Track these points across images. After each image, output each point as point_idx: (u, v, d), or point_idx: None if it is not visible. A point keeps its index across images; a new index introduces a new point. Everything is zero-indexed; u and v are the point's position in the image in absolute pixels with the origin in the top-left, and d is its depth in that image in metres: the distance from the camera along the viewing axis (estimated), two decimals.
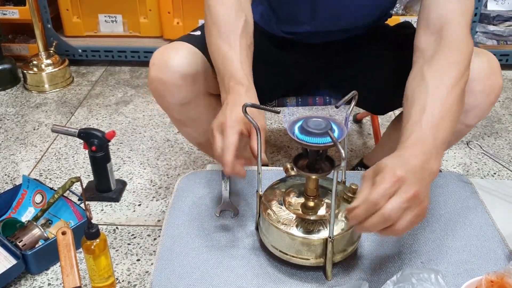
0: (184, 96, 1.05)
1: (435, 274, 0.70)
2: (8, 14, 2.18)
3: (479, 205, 0.92)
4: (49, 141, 1.73)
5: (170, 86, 1.03)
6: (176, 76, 1.02)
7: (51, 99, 2.04)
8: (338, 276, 0.77)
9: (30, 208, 1.32)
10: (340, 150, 0.65)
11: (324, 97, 1.25)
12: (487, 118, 1.86)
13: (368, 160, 1.28)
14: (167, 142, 1.72)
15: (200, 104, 1.10)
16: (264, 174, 0.86)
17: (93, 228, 0.98)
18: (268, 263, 0.79)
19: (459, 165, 1.59)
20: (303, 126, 0.70)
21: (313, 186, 0.76)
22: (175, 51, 1.02)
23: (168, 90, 1.04)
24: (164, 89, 1.04)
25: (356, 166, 1.32)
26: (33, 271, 1.17)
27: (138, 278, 1.17)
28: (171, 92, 1.04)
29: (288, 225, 0.75)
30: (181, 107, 1.07)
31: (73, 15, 2.26)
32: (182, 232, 0.86)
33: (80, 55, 2.27)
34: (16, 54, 2.27)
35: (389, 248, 0.82)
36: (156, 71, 1.03)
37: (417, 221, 0.67)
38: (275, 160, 1.63)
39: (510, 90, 2.09)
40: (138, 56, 2.24)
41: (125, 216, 1.37)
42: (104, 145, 1.37)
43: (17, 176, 1.55)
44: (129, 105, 1.98)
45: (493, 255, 0.81)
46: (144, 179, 1.53)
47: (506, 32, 2.18)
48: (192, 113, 1.10)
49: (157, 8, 2.22)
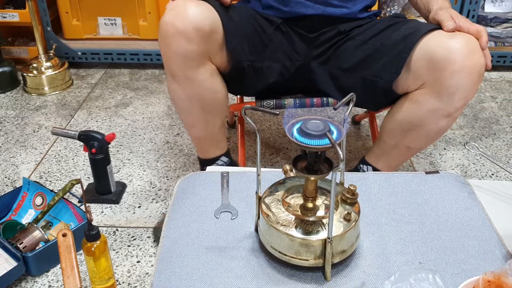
0: (191, 50, 1.06)
1: (433, 274, 0.71)
2: (8, 17, 2.19)
3: (476, 206, 0.92)
4: (49, 144, 1.73)
5: (181, 35, 1.04)
6: (190, 27, 1.04)
7: (51, 101, 2.05)
8: (337, 277, 0.77)
9: (30, 210, 1.33)
10: (339, 151, 0.66)
11: (322, 99, 1.26)
12: (484, 119, 1.87)
13: (370, 157, 1.30)
14: (166, 144, 1.73)
15: (201, 66, 1.11)
16: (264, 175, 0.86)
17: (94, 230, 0.99)
18: (267, 264, 0.79)
19: (457, 166, 1.60)
20: (302, 128, 0.71)
21: (312, 188, 0.77)
22: (195, 4, 1.05)
23: (178, 37, 1.05)
24: (174, 35, 1.05)
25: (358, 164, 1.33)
26: (34, 273, 1.17)
27: (138, 279, 1.17)
28: (180, 40, 1.05)
29: (287, 226, 0.76)
30: (183, 61, 1.08)
31: (72, 18, 2.27)
32: (182, 233, 0.86)
33: (80, 58, 2.28)
34: (16, 57, 2.28)
35: (387, 248, 0.82)
36: (172, 17, 1.04)
37: None
38: (274, 162, 1.63)
39: (507, 92, 2.10)
40: (138, 58, 2.25)
41: (125, 218, 1.38)
42: (104, 147, 1.37)
43: (17, 178, 1.55)
44: (128, 107, 1.98)
45: (491, 255, 0.81)
46: (144, 181, 1.53)
47: (503, 33, 2.19)
48: (190, 72, 1.11)
49: (156, 11, 2.22)
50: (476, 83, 1.03)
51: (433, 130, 1.13)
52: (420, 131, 1.14)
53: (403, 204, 0.92)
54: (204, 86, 1.14)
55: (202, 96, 1.16)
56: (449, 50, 1.01)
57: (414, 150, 1.25)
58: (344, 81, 1.20)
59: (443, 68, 1.02)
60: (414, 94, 1.11)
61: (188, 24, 1.04)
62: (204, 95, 1.16)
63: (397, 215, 0.90)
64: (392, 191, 0.96)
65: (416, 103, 1.10)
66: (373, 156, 1.29)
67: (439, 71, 1.03)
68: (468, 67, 1.01)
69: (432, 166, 1.60)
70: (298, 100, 1.27)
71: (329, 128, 0.71)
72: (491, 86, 2.14)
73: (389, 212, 0.90)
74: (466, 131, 1.80)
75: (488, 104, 2.00)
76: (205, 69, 1.12)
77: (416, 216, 0.89)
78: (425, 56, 1.05)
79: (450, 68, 1.01)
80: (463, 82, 1.02)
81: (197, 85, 1.13)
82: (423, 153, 1.67)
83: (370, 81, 1.15)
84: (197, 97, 1.16)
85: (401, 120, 1.15)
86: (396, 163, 1.28)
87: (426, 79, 1.07)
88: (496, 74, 2.25)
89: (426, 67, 1.05)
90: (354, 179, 0.98)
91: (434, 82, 1.05)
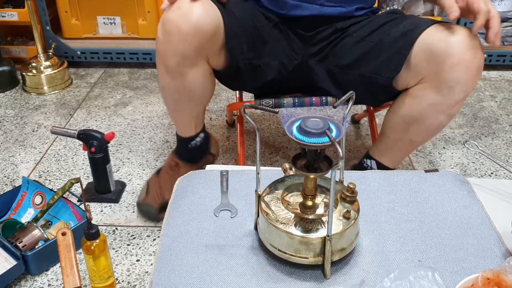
0: (190, 51, 1.08)
1: (432, 271, 0.71)
2: (7, 17, 2.19)
3: (476, 204, 0.93)
4: (48, 143, 1.73)
5: (183, 36, 1.06)
6: (193, 30, 1.05)
7: (50, 101, 2.05)
8: (336, 275, 0.77)
9: (29, 209, 1.33)
10: (338, 149, 0.66)
11: (320, 98, 1.26)
12: (484, 119, 1.88)
13: (374, 152, 1.31)
14: (166, 143, 1.73)
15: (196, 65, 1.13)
16: (263, 174, 0.86)
17: (93, 229, 0.99)
18: (267, 262, 0.79)
19: (456, 165, 1.60)
20: (301, 126, 0.71)
21: (311, 186, 0.77)
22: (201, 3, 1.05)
23: (179, 38, 1.06)
24: (176, 35, 1.06)
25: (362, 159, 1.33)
26: (33, 272, 1.17)
27: (138, 278, 1.17)
28: (181, 41, 1.06)
29: (287, 224, 0.76)
30: (180, 59, 1.10)
31: (71, 17, 2.27)
32: (182, 231, 0.86)
33: (79, 57, 2.28)
34: (15, 56, 2.27)
35: (386, 246, 0.82)
36: (177, 16, 1.05)
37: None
38: (273, 161, 1.63)
39: (507, 91, 2.10)
40: (137, 57, 2.25)
41: (124, 217, 1.38)
42: (104, 147, 1.37)
43: (16, 177, 1.55)
44: (128, 106, 1.98)
45: (490, 253, 0.81)
46: (143, 180, 1.53)
47: (503, 33, 2.20)
48: (184, 70, 1.13)
49: (155, 10, 2.22)
50: (475, 77, 1.04)
51: (433, 124, 1.14)
52: (421, 125, 1.15)
53: (402, 202, 0.93)
54: (195, 82, 1.17)
55: (192, 90, 1.19)
56: (448, 44, 1.02)
57: (416, 144, 1.27)
58: (342, 78, 1.20)
59: (442, 61, 1.03)
60: (414, 89, 1.12)
61: (191, 27, 1.05)
62: (194, 90, 1.19)
63: (397, 213, 0.90)
64: (391, 189, 0.96)
65: (417, 98, 1.11)
66: (377, 151, 1.30)
67: (438, 65, 1.04)
68: (466, 61, 1.02)
69: (431, 165, 1.60)
70: (297, 99, 1.27)
71: (328, 126, 0.71)
72: (490, 85, 2.14)
73: (389, 210, 0.90)
74: (465, 130, 1.81)
75: (487, 103, 2.00)
76: (200, 69, 1.14)
77: (416, 214, 0.90)
78: (425, 51, 1.06)
79: (450, 61, 1.02)
80: (462, 76, 1.03)
81: (189, 81, 1.16)
82: (423, 152, 1.67)
83: (369, 78, 1.15)
84: (187, 91, 1.19)
85: (402, 115, 1.17)
86: (400, 156, 1.30)
87: (426, 74, 1.08)
88: (496, 73, 2.25)
89: (425, 61, 1.06)
90: (354, 177, 0.98)
91: (434, 76, 1.06)
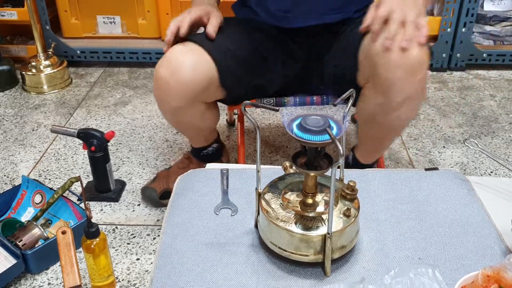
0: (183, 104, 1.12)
1: (433, 269, 0.71)
2: (6, 16, 2.19)
3: (475, 202, 0.93)
4: (48, 142, 1.73)
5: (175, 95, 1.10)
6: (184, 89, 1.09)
7: (49, 100, 2.04)
8: (336, 272, 0.77)
9: (29, 208, 1.33)
10: (338, 147, 0.66)
11: (321, 97, 1.27)
12: (483, 118, 1.88)
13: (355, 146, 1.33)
14: (166, 142, 1.73)
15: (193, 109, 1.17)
16: (263, 172, 0.86)
17: (93, 227, 0.99)
18: (267, 260, 0.80)
19: (456, 164, 1.60)
20: (302, 124, 0.71)
21: (311, 183, 0.77)
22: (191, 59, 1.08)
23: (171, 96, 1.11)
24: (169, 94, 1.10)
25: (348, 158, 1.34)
26: (33, 271, 1.17)
27: (138, 277, 1.17)
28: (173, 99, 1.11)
29: (287, 222, 0.76)
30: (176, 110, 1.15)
31: (71, 17, 2.27)
32: (182, 230, 0.86)
33: (79, 57, 2.28)
34: (15, 56, 2.27)
35: (387, 244, 0.82)
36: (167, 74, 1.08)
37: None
38: (273, 160, 1.63)
39: (506, 90, 2.10)
40: (137, 57, 2.25)
41: (124, 216, 1.38)
42: (103, 146, 1.37)
43: (16, 176, 1.55)
44: (127, 106, 1.98)
45: (490, 250, 0.82)
46: (143, 179, 1.53)
47: (502, 32, 2.20)
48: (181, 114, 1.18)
49: (155, 9, 2.22)
50: (411, 76, 0.97)
51: (384, 124, 1.10)
52: (375, 123, 1.12)
53: (402, 200, 0.93)
54: (196, 119, 1.22)
55: (194, 123, 1.25)
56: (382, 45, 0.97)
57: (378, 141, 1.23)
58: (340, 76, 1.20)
59: (376, 61, 0.99)
60: (364, 88, 1.09)
61: (182, 86, 1.08)
62: (196, 123, 1.25)
63: (397, 211, 0.90)
64: (391, 187, 0.96)
65: (365, 97, 1.09)
66: (356, 145, 1.32)
67: (374, 65, 1.00)
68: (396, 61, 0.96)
69: (431, 164, 1.60)
70: (298, 98, 1.27)
71: (328, 123, 0.71)
72: (490, 85, 2.14)
73: (389, 208, 0.91)
74: (465, 129, 1.81)
75: (487, 102, 2.00)
76: (199, 109, 1.18)
77: (416, 212, 0.90)
78: (363, 50, 1.05)
79: (382, 61, 0.97)
80: (396, 76, 0.97)
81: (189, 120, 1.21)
82: (422, 151, 1.67)
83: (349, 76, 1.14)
84: (190, 124, 1.25)
85: (359, 113, 1.17)
86: (370, 152, 1.28)
87: (368, 74, 1.05)
88: (495, 73, 2.25)
89: (366, 60, 1.05)
90: (354, 175, 0.98)
91: (373, 76, 1.03)
